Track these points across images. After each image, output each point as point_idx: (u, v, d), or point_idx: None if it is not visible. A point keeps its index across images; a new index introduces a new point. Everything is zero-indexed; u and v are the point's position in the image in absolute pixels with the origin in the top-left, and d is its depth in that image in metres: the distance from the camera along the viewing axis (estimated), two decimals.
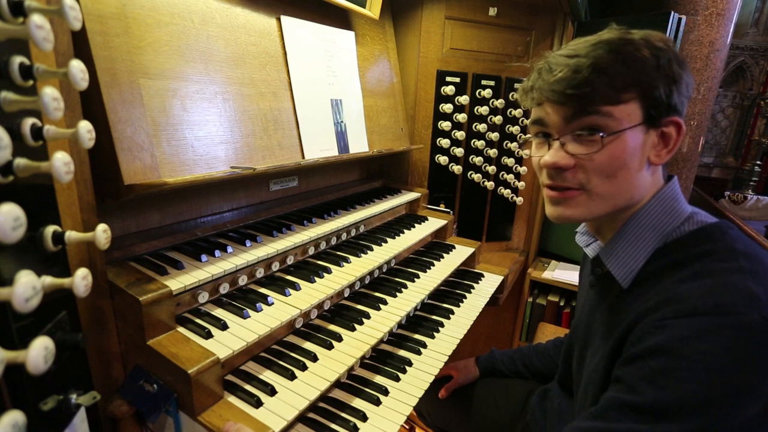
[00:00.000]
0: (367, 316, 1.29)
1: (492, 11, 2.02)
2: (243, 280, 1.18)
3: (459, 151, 2.09)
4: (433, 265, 1.68)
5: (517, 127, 2.20)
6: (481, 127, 2.12)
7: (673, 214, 0.77)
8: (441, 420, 1.50)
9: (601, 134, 0.72)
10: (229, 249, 1.16)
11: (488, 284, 1.79)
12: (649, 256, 0.77)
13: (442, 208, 2.10)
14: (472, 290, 1.72)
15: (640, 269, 0.78)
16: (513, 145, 2.22)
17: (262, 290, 1.19)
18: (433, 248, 1.86)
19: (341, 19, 1.70)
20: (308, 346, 1.16)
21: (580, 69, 0.72)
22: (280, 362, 1.09)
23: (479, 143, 2.14)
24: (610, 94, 0.72)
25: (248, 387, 1.00)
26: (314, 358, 1.10)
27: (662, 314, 0.66)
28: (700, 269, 0.69)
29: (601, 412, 0.68)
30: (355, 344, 1.17)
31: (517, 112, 2.15)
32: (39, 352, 0.48)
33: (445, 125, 2.07)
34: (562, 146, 0.76)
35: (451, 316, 1.52)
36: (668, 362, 0.62)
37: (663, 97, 0.72)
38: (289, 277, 1.27)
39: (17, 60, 0.53)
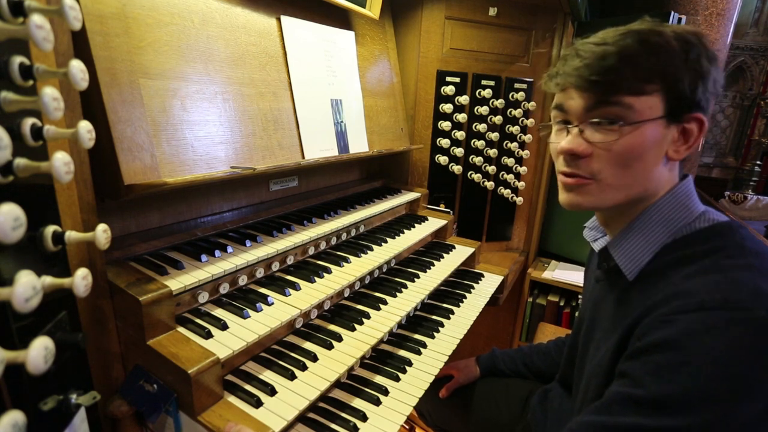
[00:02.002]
0: (367, 316, 1.29)
1: (492, 11, 2.02)
2: (243, 280, 1.18)
3: (459, 151, 2.09)
4: (433, 265, 1.68)
5: (517, 127, 2.20)
6: (481, 127, 2.12)
7: (686, 210, 0.77)
8: (441, 420, 1.50)
9: (620, 123, 0.73)
10: (229, 249, 1.16)
11: (488, 284, 1.79)
12: (657, 251, 0.77)
13: (442, 208, 2.10)
14: (472, 290, 1.72)
15: (647, 263, 0.78)
16: (513, 145, 2.22)
17: (262, 290, 1.19)
18: (433, 248, 1.86)
19: (341, 19, 1.70)
20: (308, 346, 1.16)
21: (606, 56, 0.72)
22: (280, 362, 1.09)
23: (479, 143, 2.14)
24: (633, 84, 0.72)
25: (248, 387, 1.00)
26: (314, 358, 1.10)
27: (669, 309, 0.66)
28: (708, 265, 0.69)
29: (606, 406, 0.68)
30: (355, 344, 1.17)
31: (517, 112, 2.15)
32: (39, 352, 0.48)
33: (445, 125, 2.07)
34: (580, 133, 0.77)
35: (451, 316, 1.52)
36: (674, 356, 0.62)
37: (687, 91, 0.72)
38: (289, 277, 1.27)
39: (17, 60, 0.53)
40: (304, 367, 1.07)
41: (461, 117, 2.08)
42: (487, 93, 2.07)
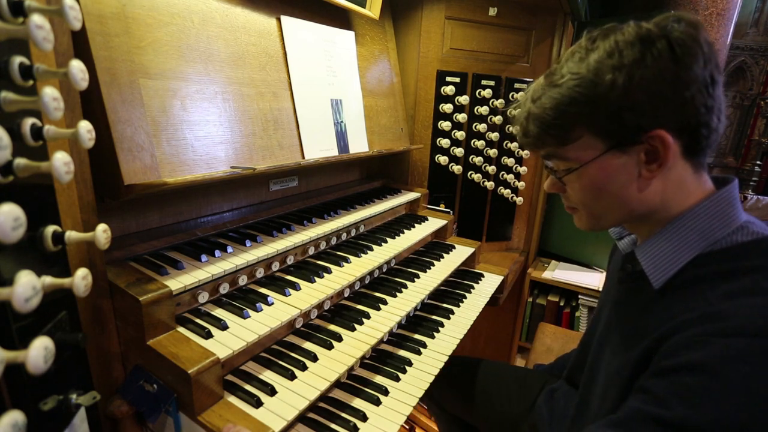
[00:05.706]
0: (367, 316, 1.29)
1: (492, 11, 2.02)
2: (243, 280, 1.18)
3: (459, 151, 2.09)
4: (433, 265, 1.68)
5: (517, 127, 2.19)
6: (481, 127, 2.12)
7: (726, 219, 0.71)
8: (449, 404, 1.48)
9: (565, 171, 0.78)
10: (229, 249, 1.16)
11: (488, 284, 1.79)
12: (688, 261, 0.72)
13: (442, 208, 2.10)
14: (472, 290, 1.72)
15: (676, 273, 0.73)
16: (513, 145, 2.22)
17: (262, 290, 1.19)
18: (433, 248, 1.86)
19: (341, 19, 1.70)
20: (308, 346, 1.16)
21: (528, 118, 0.80)
22: (280, 362, 1.09)
23: (479, 143, 2.14)
24: (557, 136, 0.76)
25: (248, 387, 1.00)
26: (314, 358, 1.10)
27: (704, 329, 0.62)
28: (750, 286, 0.64)
29: (625, 422, 0.65)
30: (355, 344, 1.17)
31: (517, 112, 2.15)
32: (39, 352, 0.48)
33: (445, 125, 2.07)
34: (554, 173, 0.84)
35: (451, 316, 1.52)
36: (706, 381, 0.58)
37: (617, 124, 0.69)
38: (289, 277, 1.27)
39: (17, 60, 0.53)
40: (304, 367, 1.07)
41: (461, 117, 2.08)
42: (487, 93, 2.07)
